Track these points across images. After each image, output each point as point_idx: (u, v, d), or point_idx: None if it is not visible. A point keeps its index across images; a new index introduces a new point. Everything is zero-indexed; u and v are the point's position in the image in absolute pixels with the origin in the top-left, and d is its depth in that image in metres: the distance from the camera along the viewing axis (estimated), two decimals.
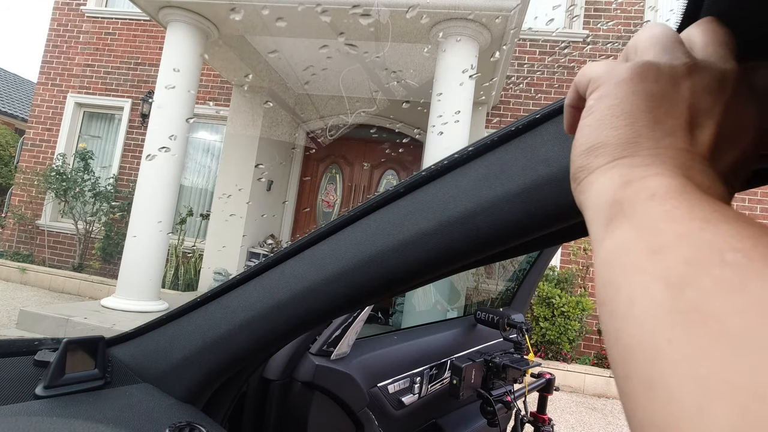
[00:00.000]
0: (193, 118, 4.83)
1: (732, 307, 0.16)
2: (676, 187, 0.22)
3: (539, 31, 6.03)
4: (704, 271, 0.17)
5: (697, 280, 0.17)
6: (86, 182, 6.52)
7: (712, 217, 0.19)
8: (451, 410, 1.26)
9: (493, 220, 0.37)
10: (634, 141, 0.25)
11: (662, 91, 0.26)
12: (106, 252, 6.54)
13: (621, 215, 0.22)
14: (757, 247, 0.17)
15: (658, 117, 0.25)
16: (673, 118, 0.25)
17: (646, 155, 0.24)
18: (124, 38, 7.23)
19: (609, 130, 0.26)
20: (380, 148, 6.62)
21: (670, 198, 0.21)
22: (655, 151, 0.24)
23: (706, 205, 0.20)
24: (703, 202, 0.21)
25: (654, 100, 0.26)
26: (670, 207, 0.21)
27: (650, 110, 0.25)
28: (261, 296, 0.51)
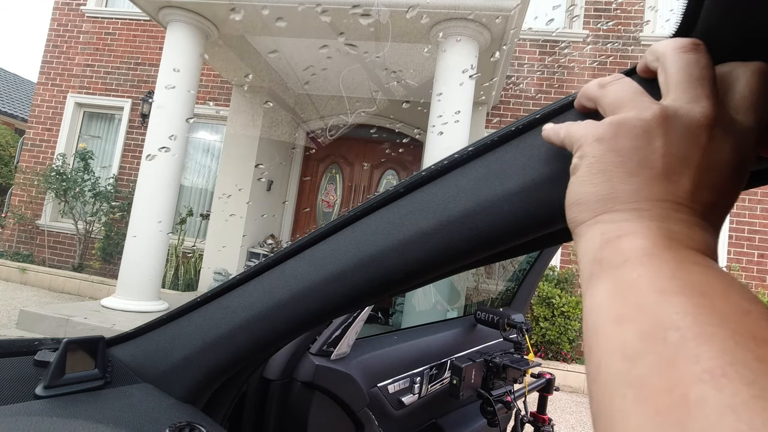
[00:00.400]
0: (193, 118, 4.83)
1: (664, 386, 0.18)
2: (647, 250, 0.24)
3: (539, 31, 6.03)
4: (651, 348, 0.20)
5: (645, 356, 0.19)
6: (86, 182, 6.52)
7: (669, 288, 0.21)
8: (451, 410, 1.26)
9: (492, 220, 0.37)
10: (611, 196, 0.27)
11: (634, 145, 0.27)
12: (106, 252, 6.54)
13: (598, 276, 0.25)
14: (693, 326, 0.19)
15: (632, 170, 0.26)
16: (648, 169, 0.26)
17: (624, 210, 0.26)
18: (124, 38, 7.23)
19: (588, 186, 0.28)
20: (380, 148, 6.62)
21: (639, 264, 0.23)
22: (632, 205, 0.26)
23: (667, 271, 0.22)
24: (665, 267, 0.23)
25: (626, 154, 0.27)
26: (636, 276, 0.23)
27: (623, 164, 0.27)
28: (261, 296, 0.51)
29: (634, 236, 0.25)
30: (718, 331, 0.19)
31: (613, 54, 5.86)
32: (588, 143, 0.28)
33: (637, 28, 5.87)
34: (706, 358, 0.18)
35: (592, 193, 0.27)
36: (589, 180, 0.28)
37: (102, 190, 6.55)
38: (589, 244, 0.27)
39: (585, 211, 0.28)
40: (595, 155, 0.28)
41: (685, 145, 0.26)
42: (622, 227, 0.26)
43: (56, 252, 6.97)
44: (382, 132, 6.34)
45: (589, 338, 0.24)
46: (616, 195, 0.26)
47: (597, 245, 0.26)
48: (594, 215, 0.27)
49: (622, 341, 0.21)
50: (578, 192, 0.28)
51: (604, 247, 0.26)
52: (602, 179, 0.27)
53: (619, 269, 0.24)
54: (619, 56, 5.86)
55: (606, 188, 0.27)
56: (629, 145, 0.27)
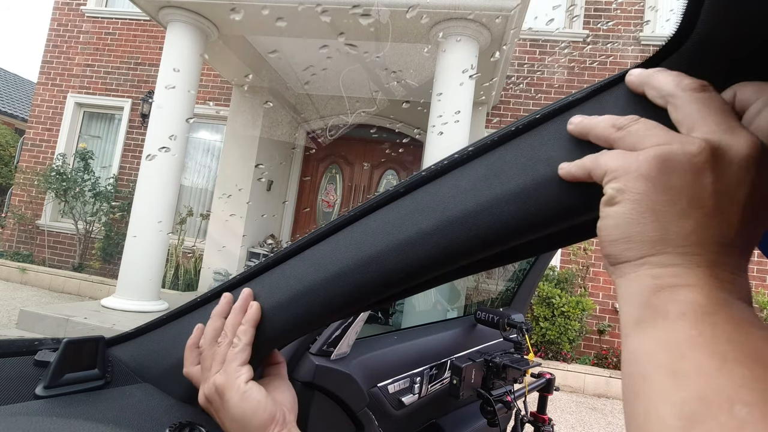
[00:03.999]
0: (193, 118, 4.83)
1: None
2: (705, 307, 0.24)
3: (539, 31, 6.03)
4: (713, 415, 0.20)
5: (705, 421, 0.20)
6: (86, 182, 6.52)
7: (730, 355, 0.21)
8: (451, 410, 1.26)
9: (493, 220, 0.37)
10: (662, 239, 0.26)
11: (684, 182, 0.26)
12: (106, 252, 6.54)
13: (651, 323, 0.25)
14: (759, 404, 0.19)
15: (683, 210, 0.26)
16: (698, 209, 0.25)
17: (675, 254, 0.25)
18: (124, 38, 7.23)
19: (635, 226, 0.27)
20: (380, 148, 6.62)
21: (697, 321, 0.23)
22: (683, 249, 0.25)
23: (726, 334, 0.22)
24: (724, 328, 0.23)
25: (676, 193, 0.26)
26: (696, 333, 0.23)
27: (673, 204, 0.26)
28: (262, 296, 0.51)
29: (690, 289, 0.24)
30: None
31: (613, 54, 5.86)
32: (629, 178, 0.27)
33: (637, 28, 5.87)
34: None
35: (640, 233, 0.26)
36: (636, 219, 0.26)
37: (102, 190, 6.54)
38: (637, 286, 0.26)
39: (631, 251, 0.27)
40: (640, 192, 0.26)
41: (733, 180, 0.25)
42: (675, 274, 0.25)
43: (56, 252, 6.97)
44: (382, 132, 6.34)
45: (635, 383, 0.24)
46: (667, 237, 0.26)
47: (648, 290, 0.26)
48: (641, 255, 0.26)
49: (680, 399, 0.21)
50: (623, 230, 0.27)
51: (657, 294, 0.25)
52: (651, 219, 0.26)
53: (676, 322, 0.24)
54: (619, 56, 5.86)
55: (656, 229, 0.26)
56: (678, 182, 0.26)
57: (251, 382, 0.47)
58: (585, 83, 5.76)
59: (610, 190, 0.28)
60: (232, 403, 0.46)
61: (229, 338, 0.48)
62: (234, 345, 0.48)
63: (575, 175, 0.32)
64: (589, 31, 5.95)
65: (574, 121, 0.34)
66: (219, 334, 0.50)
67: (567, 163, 0.33)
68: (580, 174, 0.32)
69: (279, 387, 0.52)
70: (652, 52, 0.34)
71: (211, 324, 0.51)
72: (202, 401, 0.49)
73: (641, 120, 0.29)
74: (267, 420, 0.46)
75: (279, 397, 0.50)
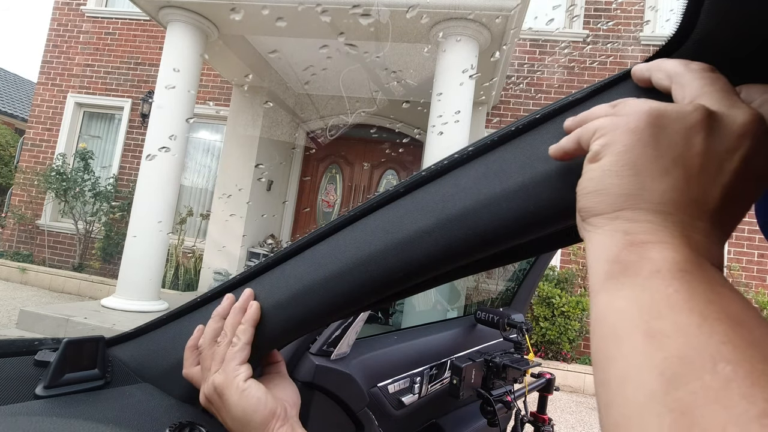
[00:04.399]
0: (193, 118, 4.83)
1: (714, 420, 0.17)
2: (680, 264, 0.23)
3: (539, 31, 6.03)
4: (696, 375, 0.19)
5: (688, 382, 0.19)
6: (86, 182, 6.52)
7: (708, 313, 0.20)
8: (451, 410, 1.26)
9: (492, 218, 0.37)
10: (637, 193, 0.25)
11: (672, 140, 0.25)
12: (106, 252, 6.54)
13: (622, 278, 0.24)
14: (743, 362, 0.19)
15: (665, 168, 0.25)
16: (681, 168, 0.25)
17: (648, 210, 0.25)
18: (124, 38, 7.23)
19: (613, 178, 0.26)
20: (380, 148, 6.62)
21: (672, 278, 0.22)
22: (657, 206, 0.25)
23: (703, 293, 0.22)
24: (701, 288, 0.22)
25: (662, 149, 0.25)
26: (672, 291, 0.22)
27: (657, 160, 0.25)
28: (262, 296, 0.51)
29: (664, 246, 0.23)
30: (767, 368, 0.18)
31: (613, 54, 5.86)
32: (618, 133, 0.26)
33: (637, 28, 5.87)
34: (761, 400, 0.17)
35: (616, 185, 0.26)
36: (615, 171, 0.26)
37: (102, 190, 6.54)
38: (608, 240, 0.25)
39: (604, 203, 0.26)
40: (626, 145, 0.26)
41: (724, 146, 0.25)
42: (647, 230, 0.24)
43: (56, 252, 6.97)
44: (382, 132, 6.34)
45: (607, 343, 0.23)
46: (643, 192, 0.25)
47: (619, 244, 0.25)
48: (614, 209, 0.26)
49: (660, 360, 0.20)
50: (600, 181, 0.26)
51: (629, 249, 0.24)
52: (631, 172, 0.25)
53: (650, 279, 0.23)
54: (619, 56, 5.86)
55: (633, 183, 0.25)
56: (666, 139, 0.25)
57: (250, 380, 0.47)
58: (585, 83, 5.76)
59: (596, 146, 0.28)
60: (232, 402, 0.46)
61: (228, 338, 0.49)
62: (233, 344, 0.48)
63: (565, 149, 0.31)
64: (589, 31, 5.95)
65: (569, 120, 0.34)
66: (219, 334, 0.50)
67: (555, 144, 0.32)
68: (569, 145, 0.31)
69: (279, 384, 0.52)
70: (652, 52, 0.34)
71: (210, 324, 0.51)
72: (203, 401, 0.49)
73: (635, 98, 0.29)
74: (268, 416, 0.46)
75: (279, 393, 0.50)
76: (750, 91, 0.29)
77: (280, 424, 0.46)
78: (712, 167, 0.25)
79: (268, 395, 0.47)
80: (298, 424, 0.48)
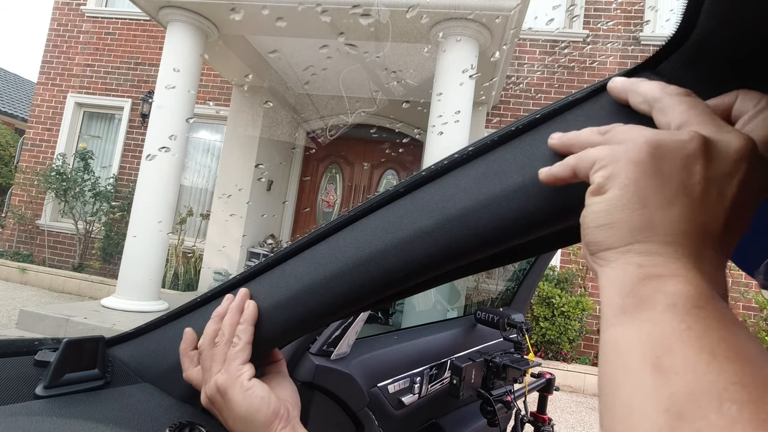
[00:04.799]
0: (193, 118, 4.83)
1: None
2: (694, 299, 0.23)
3: (539, 31, 6.03)
4: (702, 413, 0.19)
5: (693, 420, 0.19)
6: (86, 182, 6.52)
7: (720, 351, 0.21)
8: (451, 410, 1.26)
9: (492, 218, 0.37)
10: (647, 226, 0.25)
11: (674, 168, 0.25)
12: (106, 252, 6.54)
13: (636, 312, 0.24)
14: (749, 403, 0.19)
15: (670, 198, 0.25)
16: (685, 197, 0.25)
17: (660, 243, 0.25)
18: (124, 38, 7.23)
19: (622, 212, 0.26)
20: (380, 148, 6.62)
21: (687, 314, 0.22)
22: (667, 238, 0.25)
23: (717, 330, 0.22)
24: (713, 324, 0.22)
25: (666, 178, 0.25)
26: (685, 327, 0.22)
27: (662, 189, 0.25)
28: (261, 296, 0.51)
29: (679, 279, 0.24)
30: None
31: (613, 54, 5.86)
32: (621, 164, 0.27)
33: (637, 28, 5.87)
34: None
35: (626, 219, 0.26)
36: (623, 204, 0.26)
37: (102, 190, 6.54)
38: (622, 273, 0.25)
39: (615, 237, 0.26)
40: (629, 177, 0.26)
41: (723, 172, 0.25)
42: (660, 263, 0.24)
43: (56, 252, 6.97)
44: (382, 132, 6.34)
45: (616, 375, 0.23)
46: (653, 225, 0.25)
47: (633, 278, 0.25)
48: (625, 243, 0.26)
49: (667, 394, 0.20)
50: (609, 215, 0.26)
51: (644, 283, 0.24)
52: (638, 205, 0.26)
53: (665, 313, 0.23)
54: (619, 56, 5.86)
55: (643, 216, 0.25)
56: (668, 168, 0.25)
57: (254, 380, 0.47)
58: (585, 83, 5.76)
59: (599, 178, 0.28)
60: (235, 402, 0.46)
61: (227, 337, 0.48)
62: (234, 344, 0.48)
63: (558, 176, 0.31)
64: (589, 31, 5.95)
65: (554, 137, 0.33)
66: (217, 334, 0.50)
67: (547, 167, 0.32)
68: (564, 173, 0.31)
69: (281, 383, 0.52)
70: (652, 52, 0.34)
71: (210, 325, 0.51)
72: (205, 402, 0.49)
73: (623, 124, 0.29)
74: (271, 416, 0.45)
75: (282, 393, 0.50)
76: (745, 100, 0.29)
77: (283, 425, 0.46)
78: (714, 194, 0.25)
79: (272, 395, 0.47)
80: (299, 425, 0.48)
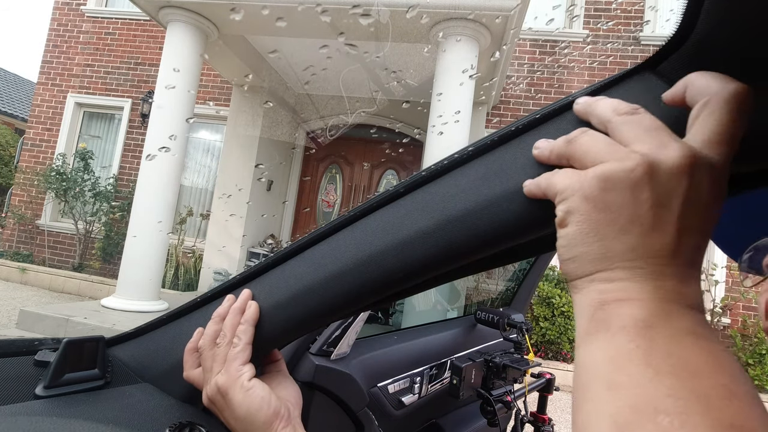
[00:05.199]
0: (193, 118, 4.83)
1: None
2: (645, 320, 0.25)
3: (539, 31, 6.03)
4: (641, 424, 0.21)
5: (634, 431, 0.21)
6: (86, 182, 6.52)
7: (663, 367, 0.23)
8: (451, 410, 1.26)
9: (492, 219, 0.37)
10: (606, 256, 0.27)
11: (622, 200, 0.27)
12: (106, 252, 6.54)
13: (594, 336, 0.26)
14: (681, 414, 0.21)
15: (623, 227, 0.27)
16: (638, 225, 0.27)
17: (620, 268, 0.27)
18: (124, 38, 7.23)
19: (581, 246, 0.28)
20: (380, 148, 6.62)
21: (636, 334, 0.25)
22: (627, 263, 0.27)
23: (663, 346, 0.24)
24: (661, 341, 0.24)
25: (616, 210, 0.27)
26: (633, 346, 0.24)
27: (614, 222, 0.27)
28: (262, 296, 0.51)
29: (632, 303, 0.26)
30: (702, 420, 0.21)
31: (613, 54, 5.87)
32: (574, 199, 0.28)
33: (637, 28, 5.87)
34: None
35: (585, 253, 0.28)
36: (580, 239, 0.28)
37: (102, 190, 6.55)
38: (586, 300, 0.28)
39: (580, 269, 0.28)
40: (582, 213, 0.28)
41: (668, 193, 0.26)
42: (619, 288, 0.26)
43: (56, 252, 6.97)
44: (382, 132, 6.34)
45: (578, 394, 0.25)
46: (610, 255, 0.27)
47: (595, 304, 0.27)
48: (590, 272, 0.28)
49: (615, 409, 0.23)
50: (570, 249, 0.29)
51: (603, 308, 0.26)
52: (594, 239, 0.27)
53: (616, 336, 0.25)
54: (619, 56, 5.86)
55: (599, 248, 0.27)
56: (617, 200, 0.27)
57: (254, 380, 0.47)
58: (585, 83, 5.76)
59: (560, 212, 0.29)
60: (236, 402, 0.46)
61: (228, 338, 0.49)
62: (234, 345, 0.48)
63: (534, 194, 0.33)
64: (589, 31, 5.95)
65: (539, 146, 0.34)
66: (218, 335, 0.50)
67: (529, 181, 0.34)
68: (537, 193, 0.33)
69: (281, 383, 0.52)
70: (652, 52, 0.34)
71: (210, 326, 0.51)
72: (206, 402, 0.49)
73: (588, 132, 0.30)
74: (271, 416, 0.46)
75: (282, 393, 0.50)
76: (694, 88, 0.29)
77: (284, 424, 0.46)
78: (665, 215, 0.26)
79: (272, 395, 0.47)
80: (300, 425, 0.48)
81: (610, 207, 0.27)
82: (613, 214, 0.27)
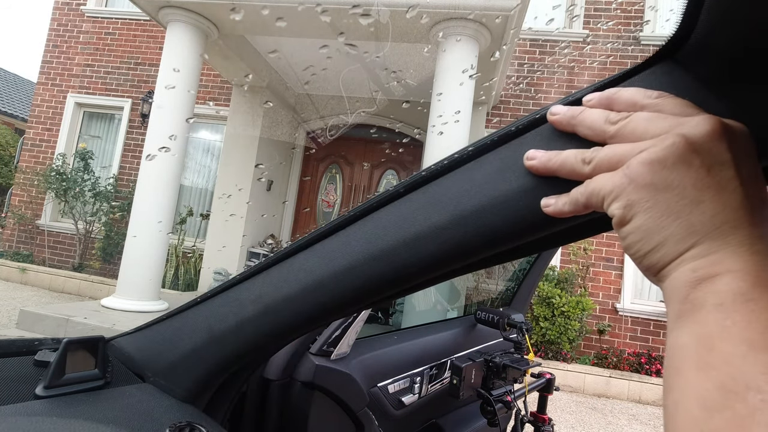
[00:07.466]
0: (193, 118, 4.83)
1: None
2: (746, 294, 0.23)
3: (539, 31, 6.03)
4: (730, 404, 0.20)
5: (723, 411, 0.20)
6: (86, 182, 6.52)
7: (759, 342, 0.21)
8: (451, 410, 1.26)
9: (507, 215, 0.36)
10: (689, 232, 0.26)
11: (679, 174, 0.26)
12: (106, 252, 6.54)
13: (689, 316, 0.25)
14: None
15: (695, 197, 0.26)
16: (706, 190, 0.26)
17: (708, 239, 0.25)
18: (124, 38, 7.23)
19: (661, 231, 0.26)
20: (380, 148, 6.62)
21: (734, 310, 0.23)
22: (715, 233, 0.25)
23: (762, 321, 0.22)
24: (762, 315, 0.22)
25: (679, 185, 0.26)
26: (729, 323, 0.23)
27: (683, 195, 0.26)
28: (270, 289, 0.50)
29: (729, 277, 0.24)
30: None
31: (613, 54, 5.86)
32: (629, 192, 0.27)
33: (637, 28, 5.87)
34: None
35: (669, 236, 0.26)
36: (656, 225, 0.27)
37: (102, 190, 6.54)
38: (678, 283, 0.26)
39: (667, 254, 0.27)
40: (647, 200, 0.27)
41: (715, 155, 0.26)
42: (713, 262, 0.25)
43: (56, 252, 6.97)
44: (382, 132, 6.34)
45: (669, 377, 0.24)
46: (695, 228, 0.25)
47: (688, 284, 0.25)
48: (678, 254, 0.26)
49: (704, 390, 0.22)
50: (650, 241, 0.27)
51: (697, 287, 0.25)
52: (671, 218, 0.26)
53: (711, 314, 0.23)
54: (619, 56, 5.86)
55: (680, 226, 0.26)
56: (674, 176, 0.26)
57: None
58: (585, 83, 5.76)
59: (617, 210, 0.28)
60: None
61: None
62: None
63: (566, 212, 0.32)
64: (589, 31, 5.94)
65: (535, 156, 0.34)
66: None
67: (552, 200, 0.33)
68: (575, 209, 0.31)
69: None
70: (652, 52, 0.33)
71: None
72: None
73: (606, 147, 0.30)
74: None
75: None
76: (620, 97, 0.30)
77: None
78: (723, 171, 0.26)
79: None
80: None
81: (671, 184, 0.26)
82: (678, 188, 0.26)
